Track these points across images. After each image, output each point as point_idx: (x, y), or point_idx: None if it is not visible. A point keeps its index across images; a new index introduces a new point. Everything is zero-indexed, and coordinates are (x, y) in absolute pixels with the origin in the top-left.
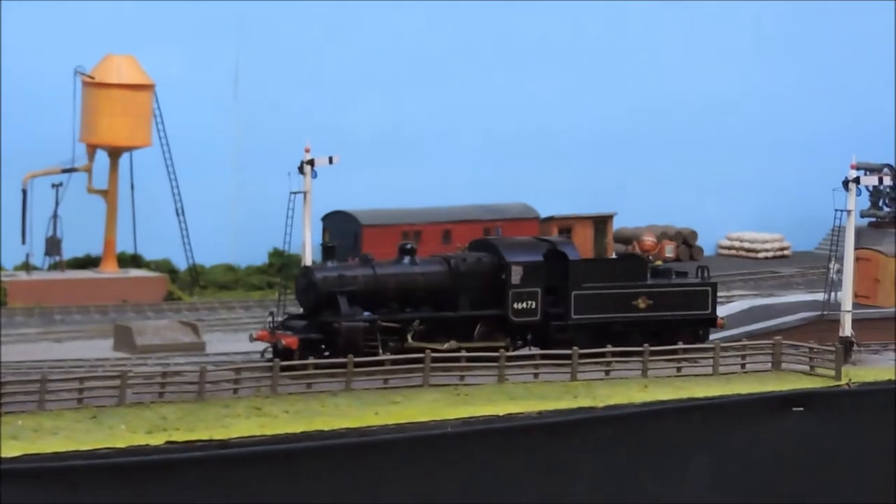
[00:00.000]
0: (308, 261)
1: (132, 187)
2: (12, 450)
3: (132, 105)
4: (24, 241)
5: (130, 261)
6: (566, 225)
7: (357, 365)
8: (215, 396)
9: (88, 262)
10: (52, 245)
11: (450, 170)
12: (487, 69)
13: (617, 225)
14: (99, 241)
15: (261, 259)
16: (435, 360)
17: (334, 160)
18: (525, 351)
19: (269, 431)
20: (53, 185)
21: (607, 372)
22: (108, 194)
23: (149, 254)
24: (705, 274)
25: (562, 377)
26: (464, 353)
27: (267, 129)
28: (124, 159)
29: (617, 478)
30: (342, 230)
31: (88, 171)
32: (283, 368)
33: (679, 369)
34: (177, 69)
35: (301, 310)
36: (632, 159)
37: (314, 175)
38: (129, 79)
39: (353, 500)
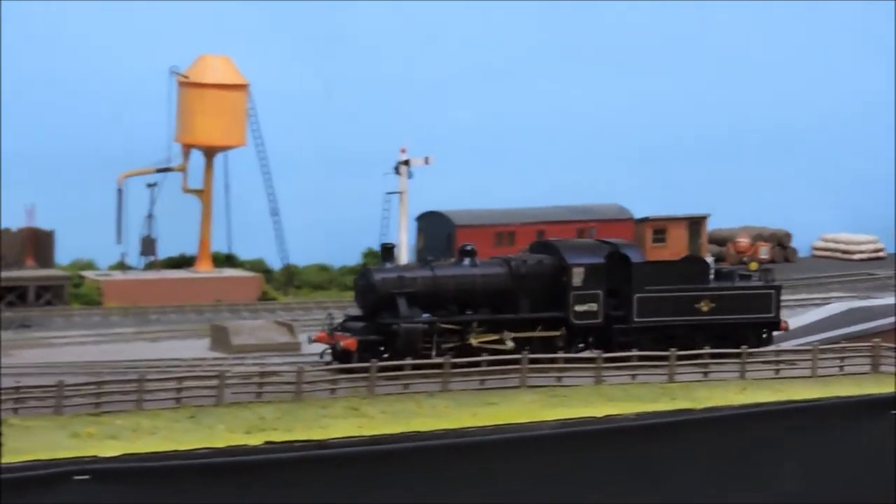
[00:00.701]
0: (403, 261)
1: (227, 187)
2: (111, 449)
3: (227, 105)
4: (119, 241)
5: (225, 260)
6: (660, 226)
7: (453, 366)
8: (312, 396)
9: (183, 262)
10: (147, 245)
11: (544, 170)
12: (583, 70)
13: (711, 226)
14: (194, 240)
15: (354, 259)
16: (532, 360)
17: (430, 161)
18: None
19: (367, 432)
20: (148, 185)
21: (705, 374)
22: (203, 194)
23: (243, 253)
24: (769, 276)
25: (659, 379)
26: (560, 355)
27: (360, 129)
28: (219, 159)
29: (715, 480)
30: (436, 231)
31: (183, 170)
32: (381, 369)
33: (777, 371)
34: (271, 69)
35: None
36: (727, 160)
37: (410, 175)
38: (224, 78)
39: (451, 500)
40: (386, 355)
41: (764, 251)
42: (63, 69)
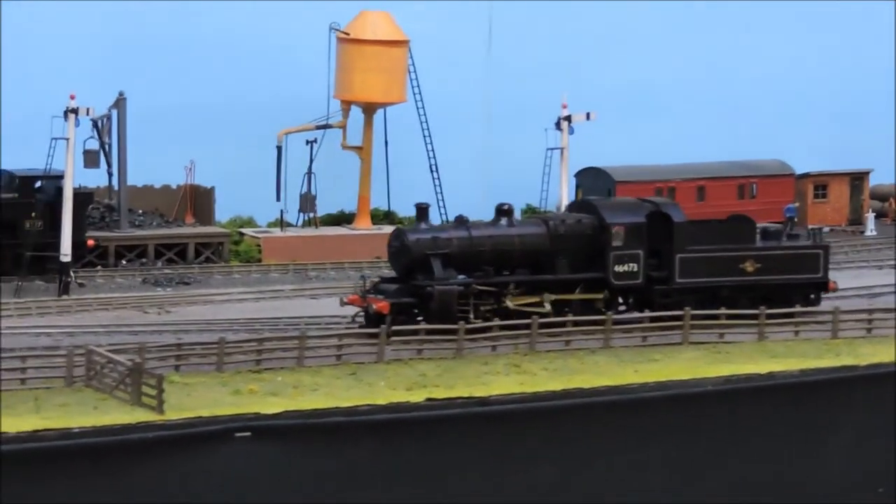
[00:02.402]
0: None
1: (386, 143)
2: (273, 406)
3: (387, 61)
4: (278, 198)
5: (384, 217)
6: (821, 181)
7: (615, 323)
8: (473, 353)
9: (342, 219)
10: (307, 201)
11: (705, 126)
12: (744, 26)
13: (873, 182)
14: (353, 197)
15: (515, 215)
16: (695, 317)
17: (592, 116)
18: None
19: (528, 389)
20: (308, 142)
21: (869, 330)
22: (363, 151)
23: (402, 210)
24: (818, 236)
25: (823, 335)
26: (723, 311)
27: (520, 85)
28: (378, 115)
29: (880, 437)
30: (595, 186)
31: (343, 127)
32: (542, 326)
33: None
34: (431, 25)
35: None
36: (891, 115)
37: (571, 131)
38: (384, 35)
39: (613, 457)
40: (420, 318)
41: None
42: (223, 27)
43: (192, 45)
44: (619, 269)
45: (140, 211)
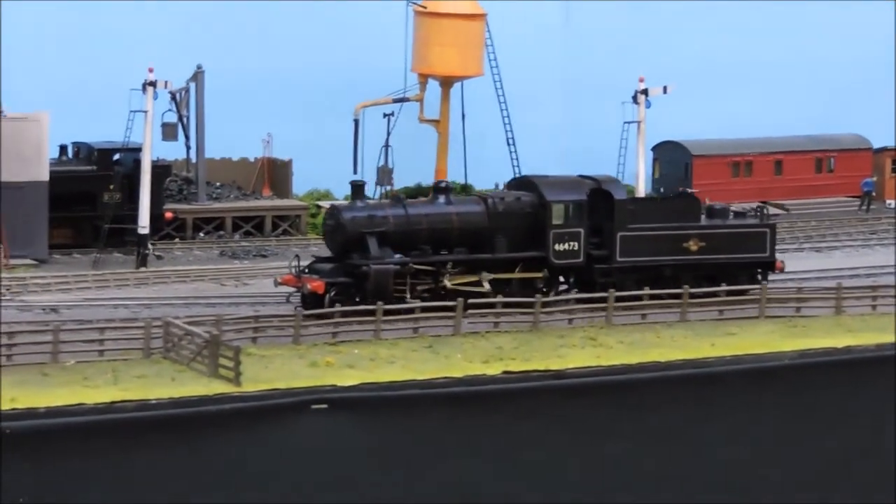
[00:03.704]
0: (641, 191)
1: (463, 117)
2: (349, 378)
3: (464, 34)
4: (355, 171)
5: (461, 190)
6: None
7: (692, 296)
8: (550, 326)
9: (419, 192)
10: (384, 174)
11: (782, 100)
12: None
13: None
14: (430, 170)
15: None
16: (619, 298)
17: (669, 90)
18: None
19: (604, 362)
20: (385, 115)
21: None
22: (440, 124)
23: (479, 183)
24: (764, 214)
25: None
26: (796, 286)
27: (597, 58)
28: (455, 89)
29: None
30: (672, 160)
31: (420, 100)
32: (619, 300)
33: None
34: None
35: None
36: None
37: (648, 105)
38: (461, 8)
39: (689, 430)
40: (357, 298)
41: None
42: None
43: (271, 18)
44: (559, 247)
45: (218, 183)
